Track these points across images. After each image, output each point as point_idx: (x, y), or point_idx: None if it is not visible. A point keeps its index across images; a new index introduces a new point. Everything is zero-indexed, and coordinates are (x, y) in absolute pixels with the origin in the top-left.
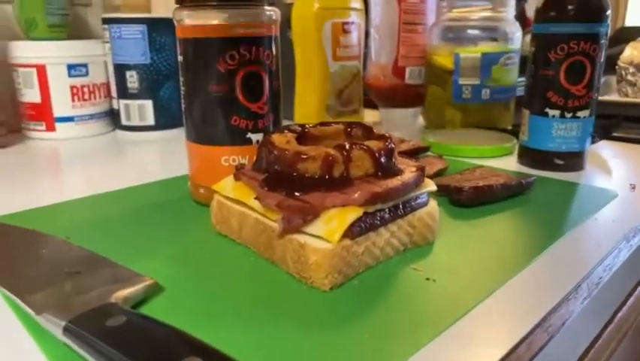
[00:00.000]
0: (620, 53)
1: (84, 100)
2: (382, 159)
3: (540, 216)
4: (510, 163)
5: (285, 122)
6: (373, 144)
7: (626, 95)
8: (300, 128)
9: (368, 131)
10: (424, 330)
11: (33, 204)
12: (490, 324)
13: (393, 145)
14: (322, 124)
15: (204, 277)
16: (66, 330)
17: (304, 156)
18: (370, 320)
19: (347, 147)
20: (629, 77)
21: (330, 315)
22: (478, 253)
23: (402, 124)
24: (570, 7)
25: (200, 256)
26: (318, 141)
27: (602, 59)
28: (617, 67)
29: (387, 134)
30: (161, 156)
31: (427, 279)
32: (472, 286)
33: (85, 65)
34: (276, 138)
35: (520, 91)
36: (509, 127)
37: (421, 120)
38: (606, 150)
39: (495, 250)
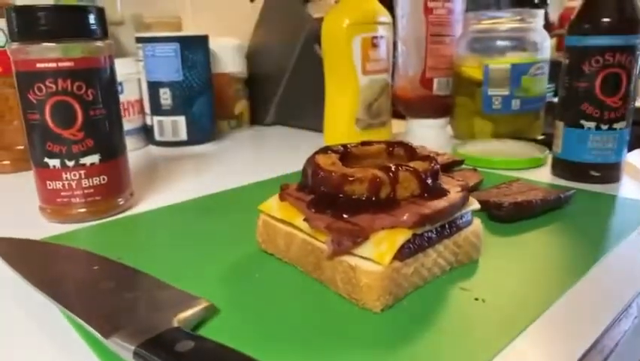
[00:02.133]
0: None
1: None
2: (428, 180)
3: (581, 231)
4: (544, 174)
5: (311, 134)
6: (419, 165)
7: None
8: (342, 148)
9: (410, 151)
10: (477, 352)
11: (77, 225)
12: (544, 345)
13: (438, 166)
14: (364, 143)
15: (257, 298)
16: (136, 354)
17: (351, 178)
18: (424, 341)
19: (393, 168)
20: None
21: (384, 337)
22: (524, 271)
23: (430, 135)
24: (605, 19)
25: (250, 276)
26: (360, 160)
27: (637, 70)
28: None
29: (431, 155)
30: (195, 171)
31: (476, 299)
32: (522, 305)
33: (120, 84)
34: (321, 159)
35: (549, 98)
36: (539, 137)
37: (449, 131)
38: None
39: (540, 267)
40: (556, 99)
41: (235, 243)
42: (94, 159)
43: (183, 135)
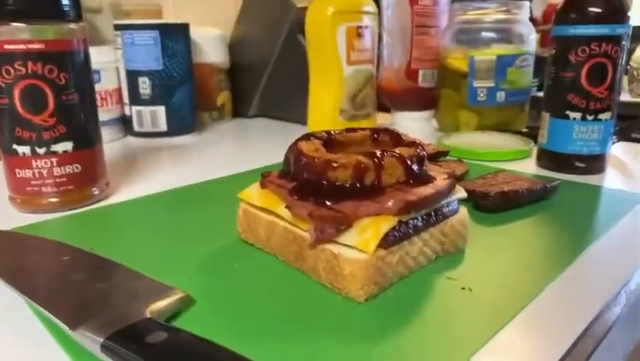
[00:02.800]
0: (632, 52)
1: None
2: (414, 167)
3: (568, 221)
4: (529, 166)
5: (295, 126)
6: (404, 152)
7: (638, 95)
8: (325, 135)
9: (396, 138)
10: (465, 341)
11: (49, 215)
12: (533, 334)
13: (424, 152)
14: (348, 130)
15: (235, 289)
16: (104, 347)
17: (335, 164)
18: (409, 331)
19: (378, 154)
20: None
21: (367, 327)
22: (511, 261)
23: (415, 128)
24: (591, 9)
25: (229, 266)
26: (344, 147)
27: (623, 61)
28: (628, 67)
29: (417, 141)
30: (173, 163)
31: (463, 288)
32: (510, 294)
33: (97, 72)
34: (304, 146)
35: (534, 92)
36: (524, 129)
37: (434, 124)
38: (625, 152)
39: (527, 256)
40: (540, 94)
41: (214, 234)
42: (66, 146)
43: (163, 126)
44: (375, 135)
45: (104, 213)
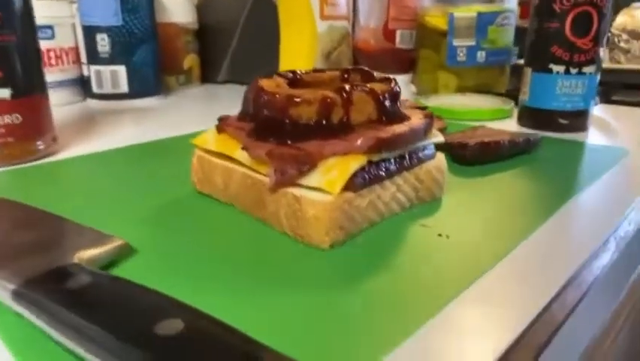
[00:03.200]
0: (613, 20)
1: (50, 66)
2: (387, 103)
3: (552, 173)
4: (509, 125)
5: None
6: (376, 87)
7: (619, 63)
8: (291, 75)
9: (368, 76)
10: (441, 288)
11: None
12: (516, 282)
13: (398, 88)
14: (316, 71)
15: (184, 239)
16: (16, 294)
17: (298, 100)
18: (379, 279)
19: (347, 89)
20: (622, 45)
21: (332, 275)
22: (491, 210)
23: None
24: None
25: (179, 217)
26: (311, 87)
27: (609, 11)
28: (609, 34)
29: (390, 77)
30: (133, 123)
31: (440, 235)
32: (490, 242)
33: (50, 27)
34: (265, 82)
35: (514, 61)
36: (503, 92)
37: (412, 88)
38: (607, 113)
39: (509, 206)
40: (521, 61)
41: (168, 186)
42: (3, 93)
43: (124, 87)
44: (346, 75)
45: (49, 169)
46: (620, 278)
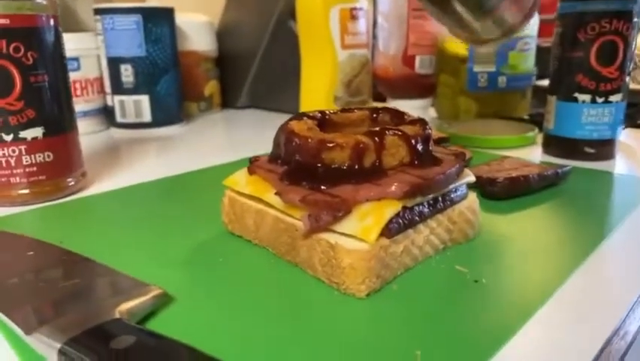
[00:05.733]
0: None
1: (76, 96)
2: (419, 146)
3: (582, 209)
4: (534, 153)
5: (287, 117)
6: (408, 129)
7: None
8: (319, 115)
9: (398, 116)
10: (482, 342)
11: (22, 208)
12: (560, 331)
13: (430, 130)
14: (344, 110)
15: (219, 285)
16: (62, 353)
17: (330, 145)
18: (418, 331)
19: (379, 132)
20: None
21: (370, 327)
22: (526, 250)
23: None
24: None
25: (213, 260)
26: (340, 128)
27: (634, 39)
28: None
29: (422, 118)
30: (158, 154)
31: (476, 281)
32: (528, 288)
33: (76, 59)
34: (296, 125)
35: (535, 82)
36: (526, 116)
37: (432, 112)
38: (633, 138)
39: (542, 247)
40: (541, 83)
41: (198, 226)
42: (36, 132)
43: (147, 116)
44: (375, 115)
45: (79, 206)
46: None
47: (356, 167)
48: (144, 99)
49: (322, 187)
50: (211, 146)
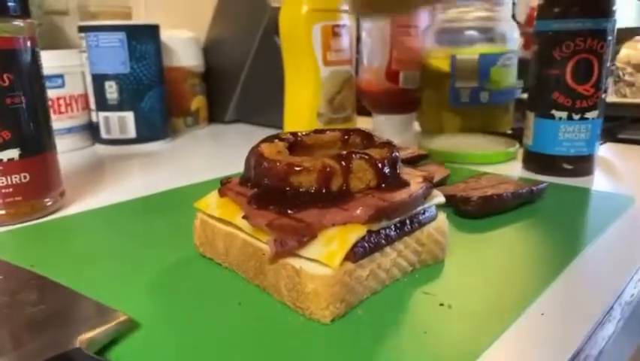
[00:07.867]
0: (617, 53)
1: (60, 113)
2: (386, 170)
3: (555, 227)
4: (514, 169)
5: (273, 132)
6: (375, 153)
7: (624, 96)
8: (292, 137)
9: (368, 139)
10: None
11: None
12: (524, 356)
13: (397, 153)
14: (316, 132)
15: (187, 310)
16: None
17: (298, 168)
18: (382, 357)
19: (346, 156)
20: (627, 78)
21: (331, 354)
22: (495, 273)
23: (396, 131)
24: (575, 2)
25: (182, 284)
26: (312, 150)
27: (609, 57)
28: (614, 67)
29: (390, 141)
30: (141, 171)
31: (442, 305)
32: (493, 312)
33: (61, 76)
34: (266, 148)
35: (518, 95)
36: (509, 131)
37: (416, 127)
38: (612, 153)
39: (513, 268)
40: (525, 96)
41: (171, 247)
42: (12, 153)
43: (132, 132)
44: (346, 137)
45: (54, 227)
46: (626, 347)
47: (323, 190)
48: (129, 115)
49: (289, 211)
50: (195, 162)
